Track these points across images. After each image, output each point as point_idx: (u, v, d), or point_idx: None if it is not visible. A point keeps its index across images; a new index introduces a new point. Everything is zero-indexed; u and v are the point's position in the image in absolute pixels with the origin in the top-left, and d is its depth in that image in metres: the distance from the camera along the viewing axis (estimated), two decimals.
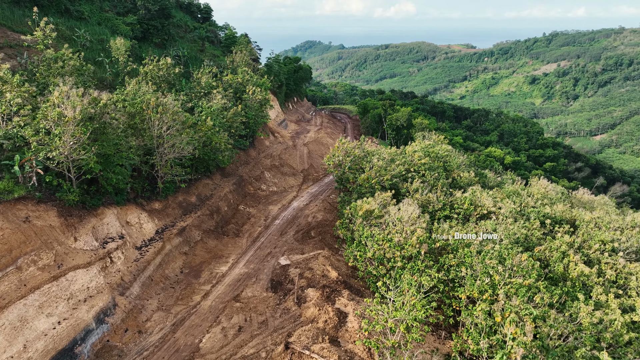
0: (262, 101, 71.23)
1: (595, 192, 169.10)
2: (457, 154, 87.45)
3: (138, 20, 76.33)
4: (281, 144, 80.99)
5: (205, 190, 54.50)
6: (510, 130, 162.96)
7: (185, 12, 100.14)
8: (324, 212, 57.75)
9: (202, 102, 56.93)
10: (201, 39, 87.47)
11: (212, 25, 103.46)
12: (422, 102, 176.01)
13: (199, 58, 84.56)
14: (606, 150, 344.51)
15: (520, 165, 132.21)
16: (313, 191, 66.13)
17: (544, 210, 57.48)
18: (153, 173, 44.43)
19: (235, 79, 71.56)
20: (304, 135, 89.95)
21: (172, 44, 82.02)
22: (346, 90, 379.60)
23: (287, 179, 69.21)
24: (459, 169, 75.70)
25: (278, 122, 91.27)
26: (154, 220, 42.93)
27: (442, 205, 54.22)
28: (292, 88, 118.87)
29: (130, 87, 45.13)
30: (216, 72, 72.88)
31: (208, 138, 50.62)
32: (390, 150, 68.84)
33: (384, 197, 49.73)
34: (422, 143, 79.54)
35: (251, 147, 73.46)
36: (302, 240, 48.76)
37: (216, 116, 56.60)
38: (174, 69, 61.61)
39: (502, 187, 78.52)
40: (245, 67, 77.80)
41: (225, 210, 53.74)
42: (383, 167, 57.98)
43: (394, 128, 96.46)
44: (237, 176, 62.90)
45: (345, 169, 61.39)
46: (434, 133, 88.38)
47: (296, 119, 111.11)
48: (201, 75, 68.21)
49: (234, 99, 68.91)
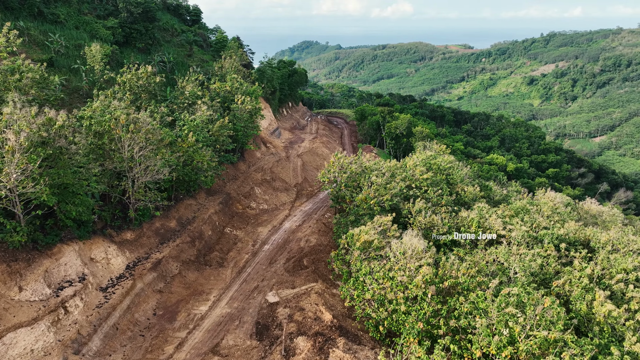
0: (253, 111, 66.37)
1: (599, 198, 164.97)
2: (459, 164, 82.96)
3: (120, 23, 71.33)
4: (273, 155, 76.10)
5: (187, 213, 49.58)
6: (511, 135, 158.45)
7: (173, 14, 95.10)
8: (318, 235, 52.91)
9: (185, 115, 51.96)
10: (189, 43, 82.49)
11: (202, 28, 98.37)
12: (421, 106, 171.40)
13: (186, 64, 79.60)
14: (606, 153, 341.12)
15: (523, 173, 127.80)
16: (307, 209, 61.28)
17: (557, 232, 52.85)
18: (124, 199, 39.47)
19: (224, 87, 66.67)
20: (298, 145, 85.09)
21: (157, 49, 77.01)
22: (343, 92, 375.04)
23: (279, 195, 64.34)
24: (462, 183, 71.13)
25: (271, 131, 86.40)
26: (125, 253, 37.99)
27: (448, 228, 49.54)
28: (287, 93, 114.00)
29: (98, 103, 40.11)
30: (203, 80, 67.94)
31: (189, 157, 45.71)
32: (390, 164, 64.15)
33: (383, 222, 44.98)
34: (423, 154, 75.11)
35: (240, 160, 68.55)
36: (293, 270, 43.90)
37: (200, 130, 51.68)
38: (154, 77, 56.63)
39: (508, 201, 74.20)
40: (235, 73, 72.89)
41: (210, 235, 48.82)
42: (382, 185, 53.24)
43: (393, 137, 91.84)
44: (224, 194, 57.99)
45: (342, 186, 56.66)
46: (435, 142, 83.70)
47: (290, 126, 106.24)
48: (186, 84, 63.31)
49: (221, 109, 64.04)
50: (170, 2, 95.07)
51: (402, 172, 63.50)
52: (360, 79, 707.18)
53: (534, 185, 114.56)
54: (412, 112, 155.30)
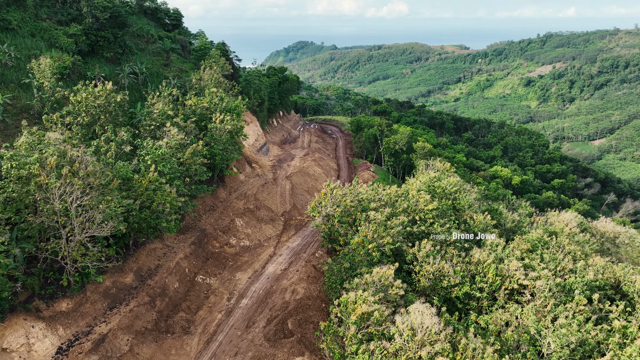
0: (234, 131, 58.29)
1: (606, 209, 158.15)
2: (466, 185, 75.37)
3: (84, 30, 63.02)
4: (259, 177, 68.00)
5: (149, 261, 41.44)
6: (514, 144, 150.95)
7: (150, 18, 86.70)
8: (307, 283, 44.92)
9: (148, 142, 43.74)
10: (165, 51, 74.14)
11: (183, 33, 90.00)
12: (419, 113, 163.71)
13: (162, 75, 71.32)
14: (606, 156, 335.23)
15: (528, 186, 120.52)
16: (295, 245, 53.27)
17: (587, 277, 45.26)
18: (59, 260, 31.28)
19: (200, 104, 58.51)
20: (288, 163, 76.98)
21: (128, 58, 68.69)
22: (338, 94, 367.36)
23: (264, 228, 56.27)
24: (470, 209, 63.45)
25: (257, 148, 78.29)
26: (58, 330, 29.84)
27: (461, 278, 41.73)
28: (277, 102, 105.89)
29: (24, 138, 31.89)
30: (177, 95, 59.78)
31: (148, 197, 37.57)
32: (390, 190, 56.34)
33: (384, 276, 37.13)
34: (426, 175, 67.52)
35: (220, 186, 60.44)
36: (275, 338, 35.88)
37: (167, 160, 43.55)
38: (115, 95, 48.41)
39: (522, 228, 66.70)
40: (215, 87, 64.70)
41: (176, 288, 40.71)
42: (382, 222, 45.34)
43: (392, 152, 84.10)
44: (198, 230, 49.88)
45: (335, 222, 48.77)
46: (438, 160, 75.91)
47: (280, 139, 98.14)
48: (157, 100, 55.15)
49: (197, 129, 55.91)
50: (148, 5, 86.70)
51: (403, 200, 55.86)
52: (355, 79, 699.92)
53: (541, 201, 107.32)
54: (410, 120, 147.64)
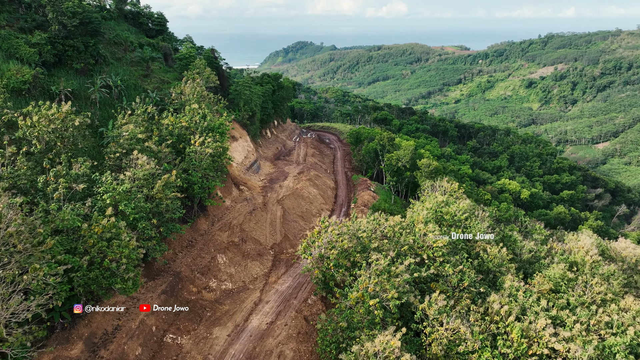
0: (217, 153, 51.40)
1: (618, 222, 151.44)
2: (476, 208, 68.71)
3: (49, 39, 56.08)
4: (247, 202, 61.08)
5: (106, 322, 34.48)
6: (521, 153, 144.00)
7: (131, 23, 79.66)
8: (296, 342, 38.04)
9: (107, 177, 36.73)
10: (144, 61, 67.08)
11: (168, 39, 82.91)
12: (422, 120, 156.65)
13: (141, 87, 64.41)
14: (610, 161, 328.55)
15: (537, 199, 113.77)
16: (284, 288, 46.38)
17: (628, 335, 38.57)
18: None
19: (178, 124, 51.58)
20: (280, 184, 70.00)
21: (102, 70, 61.78)
22: (337, 96, 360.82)
23: (250, 266, 49.36)
24: (483, 239, 56.87)
25: (247, 166, 71.37)
26: None
27: (480, 341, 34.87)
28: (271, 112, 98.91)
29: None
30: (153, 113, 52.83)
31: (100, 251, 30.66)
32: (393, 221, 49.53)
33: (388, 348, 30.31)
34: (433, 199, 60.96)
35: (202, 215, 53.52)
36: None
37: (131, 198, 36.63)
38: (74, 117, 41.45)
39: (539, 261, 60.04)
40: (198, 102, 57.73)
41: (138, 356, 33.74)
42: (385, 268, 38.47)
43: (394, 169, 77.26)
44: (172, 275, 42.96)
45: (330, 265, 41.93)
46: (445, 180, 69.12)
47: (274, 153, 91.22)
48: (127, 120, 48.24)
49: (174, 153, 49.02)
50: (129, 9, 79.69)
51: (408, 233, 49.23)
52: (355, 80, 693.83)
53: (552, 217, 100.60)
54: (412, 128, 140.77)
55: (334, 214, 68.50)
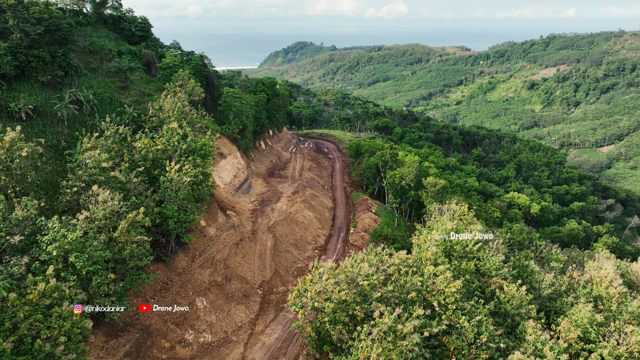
0: (198, 181, 45.05)
1: (630, 234, 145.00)
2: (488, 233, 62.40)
3: (10, 48, 49.71)
4: (235, 230, 54.69)
5: None
6: (528, 162, 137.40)
7: (111, 29, 73.15)
8: None
9: (54, 224, 30.34)
10: (122, 71, 60.64)
11: (152, 46, 76.30)
12: (424, 127, 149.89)
13: (118, 101, 57.99)
14: (615, 165, 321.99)
15: (548, 213, 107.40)
16: (272, 341, 39.99)
17: None
18: None
19: (153, 146, 45.20)
20: (272, 206, 63.51)
21: (73, 82, 55.39)
22: (337, 99, 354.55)
23: (234, 311, 42.97)
24: (498, 274, 50.94)
25: (236, 186, 64.96)
26: None
27: None
28: (264, 123, 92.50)
29: None
30: (125, 134, 46.44)
31: (32, 327, 24.26)
32: (398, 258, 43.31)
33: None
34: (441, 226, 54.89)
35: (180, 250, 47.10)
36: None
37: (83, 248, 30.26)
38: (22, 145, 35.08)
39: (561, 298, 53.84)
40: (178, 120, 51.31)
41: None
42: (391, 328, 32.16)
43: (397, 188, 70.93)
44: (139, 329, 36.53)
45: (324, 319, 35.61)
46: (454, 202, 62.73)
47: (267, 168, 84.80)
48: (94, 143, 41.94)
49: (147, 181, 42.70)
50: (109, 13, 73.20)
51: (415, 273, 43.12)
52: (355, 81, 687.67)
53: (564, 235, 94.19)
54: (415, 137, 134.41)
55: (331, 239, 62.14)
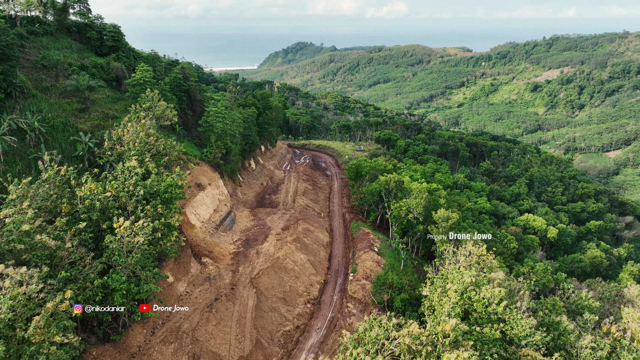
0: (157, 237, 35.85)
1: None
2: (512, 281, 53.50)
3: None
4: (210, 283, 45.43)
5: None
6: (541, 177, 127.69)
7: (76, 39, 63.81)
8: None
9: None
10: (80, 91, 51.27)
11: (124, 57, 66.79)
12: (429, 139, 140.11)
13: (74, 127, 48.68)
14: (623, 171, 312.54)
15: (565, 235, 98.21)
16: None
17: None
18: None
19: (101, 193, 35.96)
20: (257, 248, 54.18)
21: (16, 105, 46.14)
22: (337, 102, 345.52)
23: None
24: (529, 342, 42.32)
25: (216, 223, 55.65)
26: None
27: None
28: (255, 140, 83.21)
29: None
30: (70, 175, 37.24)
31: None
32: (408, 333, 34.34)
33: None
34: (457, 279, 46.35)
35: (137, 321, 37.87)
36: None
37: None
38: None
39: None
40: (140, 154, 42.05)
41: None
42: None
43: (403, 222, 61.88)
44: None
45: None
46: (470, 243, 53.54)
47: (256, 193, 75.50)
48: (22, 191, 32.81)
49: (89, 241, 33.53)
50: (74, 20, 63.81)
51: (429, 354, 34.40)
52: (355, 83, 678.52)
53: (587, 265, 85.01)
54: (419, 150, 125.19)
55: (327, 288, 52.88)
